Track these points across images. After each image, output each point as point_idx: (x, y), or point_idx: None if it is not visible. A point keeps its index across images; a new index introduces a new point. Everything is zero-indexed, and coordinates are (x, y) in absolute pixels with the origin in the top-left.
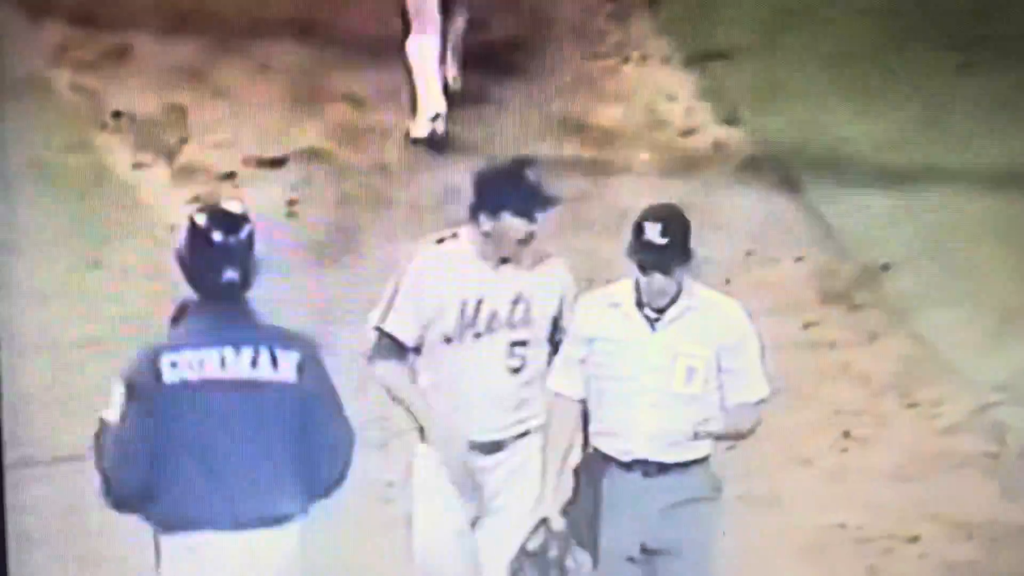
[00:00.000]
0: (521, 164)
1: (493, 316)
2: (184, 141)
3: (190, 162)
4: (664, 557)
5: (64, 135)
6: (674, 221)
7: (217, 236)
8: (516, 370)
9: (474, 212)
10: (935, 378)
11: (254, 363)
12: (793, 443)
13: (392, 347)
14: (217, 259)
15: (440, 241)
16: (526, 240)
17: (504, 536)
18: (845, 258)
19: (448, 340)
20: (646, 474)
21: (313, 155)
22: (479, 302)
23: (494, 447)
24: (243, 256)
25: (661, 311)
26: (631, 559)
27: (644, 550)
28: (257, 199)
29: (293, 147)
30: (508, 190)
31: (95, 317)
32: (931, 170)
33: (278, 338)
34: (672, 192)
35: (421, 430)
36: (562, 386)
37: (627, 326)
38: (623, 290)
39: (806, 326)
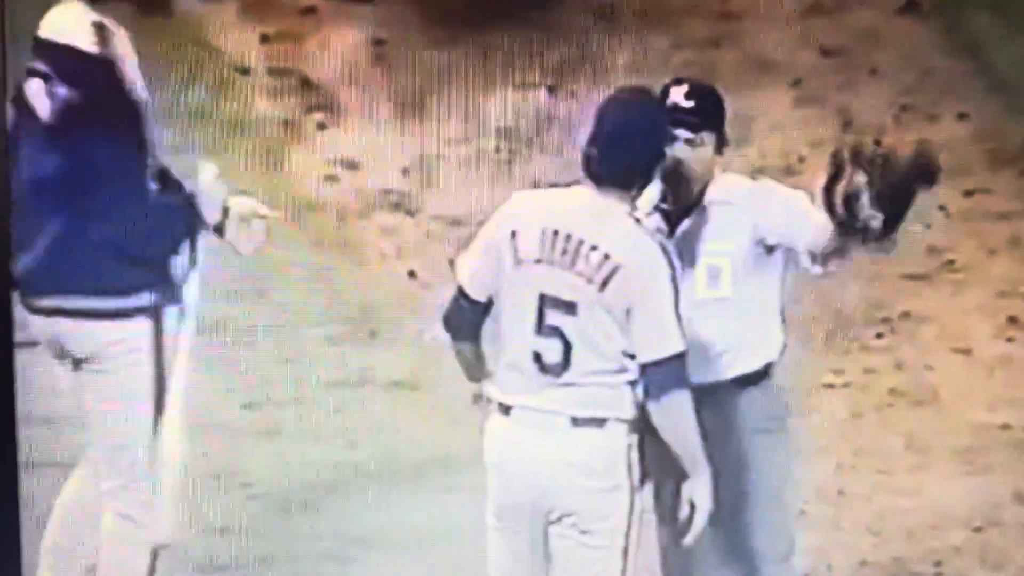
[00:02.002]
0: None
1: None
2: None
3: None
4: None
5: None
6: (704, 89)
7: None
8: None
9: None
10: None
11: None
12: (951, 330)
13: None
14: None
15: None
16: None
17: None
18: (1018, 116)
19: None
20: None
21: None
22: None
23: None
24: None
25: (687, 208)
26: None
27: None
28: (338, 39)
29: None
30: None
31: None
32: None
33: None
34: (816, 36)
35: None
36: None
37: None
38: (648, 195)
39: (969, 193)
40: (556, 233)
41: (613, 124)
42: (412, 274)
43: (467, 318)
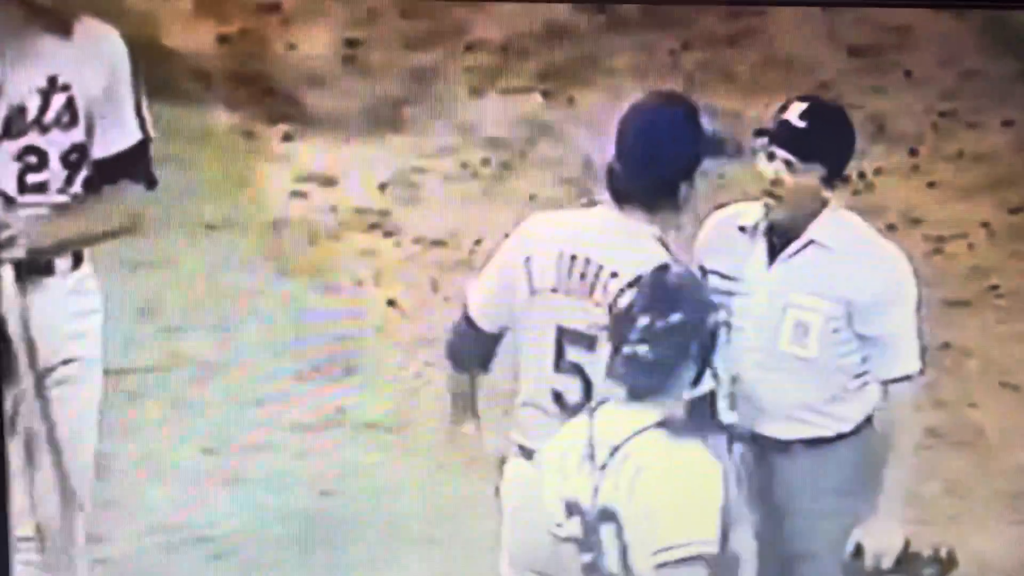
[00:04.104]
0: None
1: None
2: None
3: None
4: None
5: None
6: (827, 114)
7: None
8: None
9: None
10: None
11: None
12: (997, 362)
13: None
14: None
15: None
16: None
17: None
18: None
19: None
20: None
21: None
22: None
23: None
24: None
25: (788, 240)
26: None
27: None
28: (307, 38)
29: None
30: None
31: None
32: None
33: None
34: (844, 34)
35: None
36: None
37: (746, 256)
38: (753, 210)
39: (1015, 210)
40: (574, 258)
41: (638, 136)
42: (391, 302)
43: (474, 348)
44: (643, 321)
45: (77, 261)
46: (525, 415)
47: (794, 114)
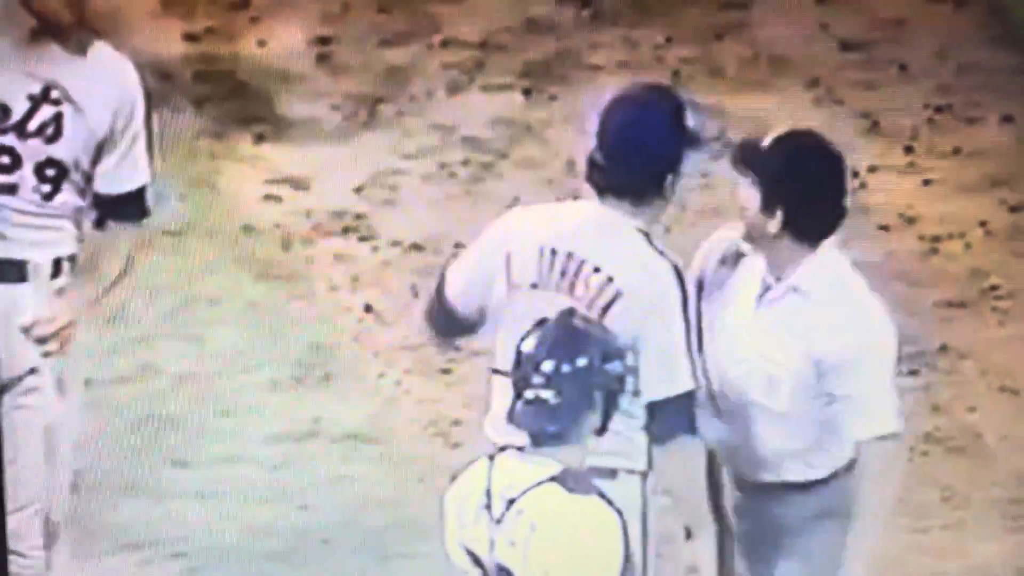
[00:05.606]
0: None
1: None
2: None
3: None
4: None
5: None
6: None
7: None
8: None
9: None
10: None
11: None
12: (996, 365)
13: None
14: None
15: None
16: None
17: None
18: None
19: None
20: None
21: None
22: None
23: None
24: None
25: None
26: None
27: None
28: (277, 37)
29: None
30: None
31: None
32: None
33: None
34: (835, 27)
35: None
36: None
37: (736, 289)
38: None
39: (1015, 209)
40: (555, 252)
41: (620, 126)
42: (368, 308)
43: (456, 326)
44: (548, 366)
45: (57, 270)
46: (498, 414)
47: (769, 136)
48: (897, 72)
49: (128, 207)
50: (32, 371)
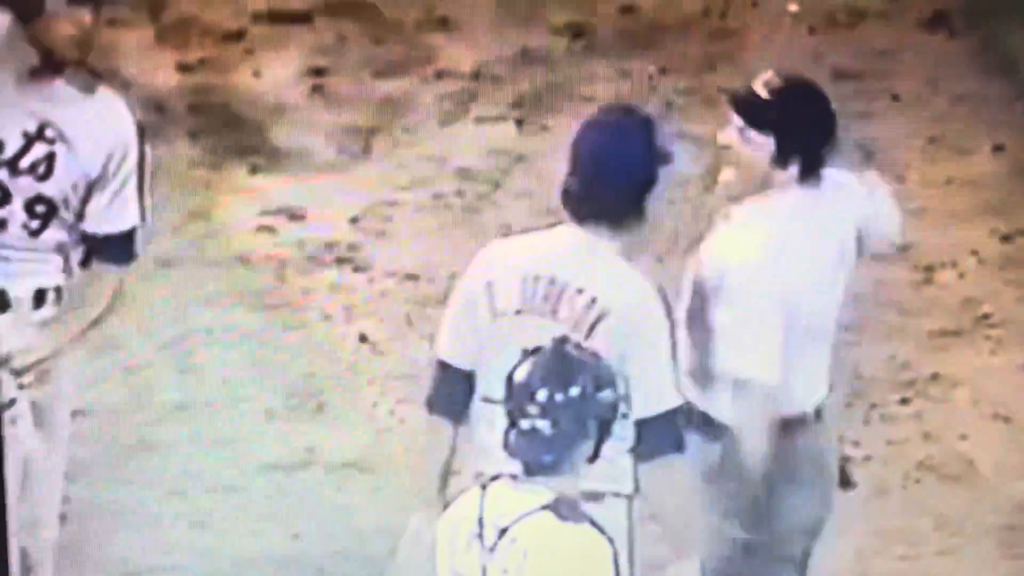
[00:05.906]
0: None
1: None
2: None
3: (182, 16)
4: None
5: None
6: (797, 86)
7: None
8: None
9: None
10: None
11: None
12: (987, 393)
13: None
14: None
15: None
16: None
17: None
18: None
19: None
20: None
21: (347, 7)
22: None
23: None
24: None
25: None
26: None
27: None
28: (272, 68)
29: None
30: None
31: None
32: None
33: None
34: (829, 57)
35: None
36: None
37: None
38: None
39: (1007, 238)
40: (537, 278)
41: (593, 151)
42: (363, 338)
43: (458, 393)
44: (542, 395)
45: (40, 302)
46: (487, 443)
47: (760, 83)
48: (890, 102)
49: (116, 248)
50: (11, 402)
